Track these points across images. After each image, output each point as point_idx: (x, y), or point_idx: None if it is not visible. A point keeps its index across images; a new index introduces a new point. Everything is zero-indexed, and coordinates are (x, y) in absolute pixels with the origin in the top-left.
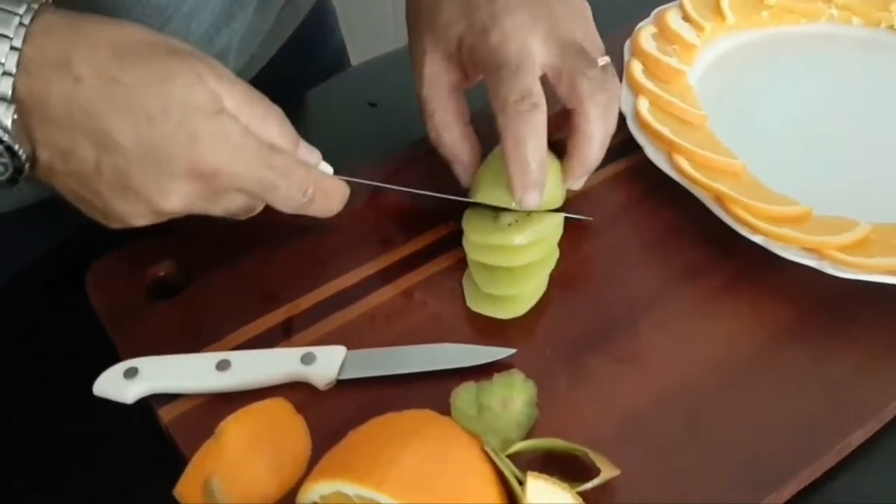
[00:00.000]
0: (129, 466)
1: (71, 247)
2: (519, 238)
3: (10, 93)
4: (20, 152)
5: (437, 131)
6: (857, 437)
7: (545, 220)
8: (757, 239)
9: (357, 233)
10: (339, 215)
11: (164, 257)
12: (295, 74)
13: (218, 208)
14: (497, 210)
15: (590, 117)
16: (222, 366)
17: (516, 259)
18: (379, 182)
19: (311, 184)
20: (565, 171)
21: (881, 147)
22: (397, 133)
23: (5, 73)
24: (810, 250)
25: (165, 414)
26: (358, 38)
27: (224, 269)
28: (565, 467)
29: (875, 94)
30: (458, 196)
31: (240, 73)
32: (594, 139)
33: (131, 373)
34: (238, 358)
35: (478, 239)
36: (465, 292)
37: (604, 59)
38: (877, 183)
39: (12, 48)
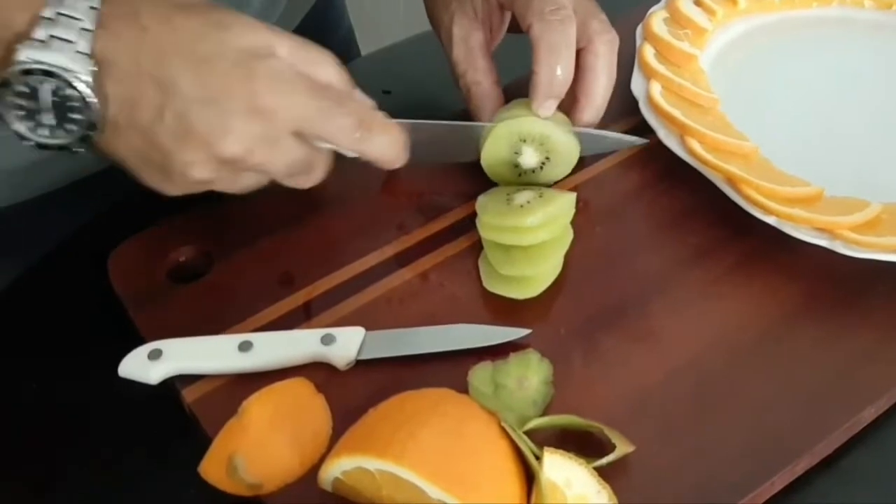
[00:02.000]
0: (153, 445)
1: (93, 232)
2: (532, 219)
3: (89, 49)
4: (95, 105)
5: (468, 88)
6: (869, 414)
7: (558, 200)
8: (769, 220)
9: (374, 216)
10: (355, 198)
11: (184, 242)
12: None
13: (277, 158)
14: (510, 192)
15: (599, 53)
16: (244, 347)
17: (529, 238)
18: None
19: (367, 117)
20: (574, 116)
21: (892, 128)
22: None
23: (84, 30)
24: (822, 230)
25: (189, 394)
26: (367, 27)
27: (244, 254)
28: (581, 443)
29: (886, 77)
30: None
31: None
32: (602, 76)
33: (155, 354)
34: (260, 339)
35: (492, 220)
36: (481, 273)
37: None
38: (887, 163)
39: (91, 7)
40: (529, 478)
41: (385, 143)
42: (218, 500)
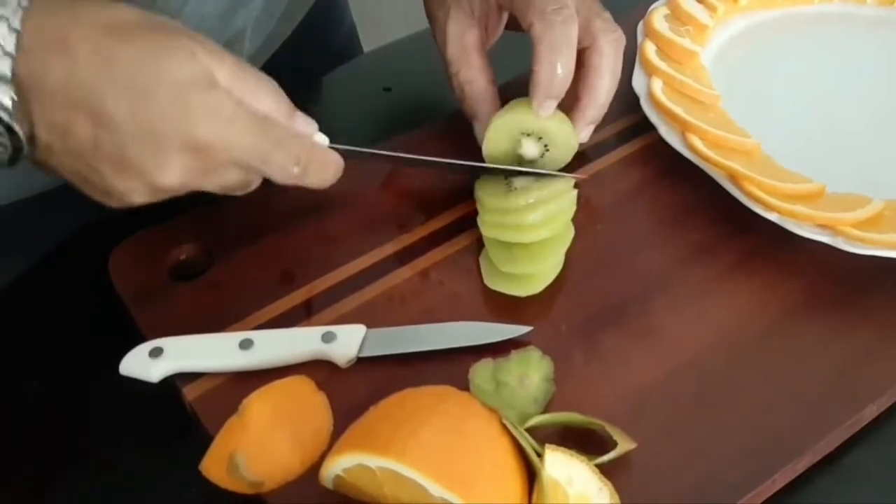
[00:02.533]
0: (154, 443)
1: (93, 232)
2: (533, 216)
3: (9, 73)
4: (19, 132)
5: (461, 87)
6: (871, 411)
7: (558, 198)
8: (771, 216)
9: (374, 214)
10: (356, 197)
11: (185, 240)
12: (307, 59)
13: (214, 183)
14: (508, 177)
15: (603, 52)
16: (245, 345)
17: (531, 236)
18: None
19: (304, 154)
20: (577, 115)
21: (892, 123)
22: (411, 116)
23: (5, 54)
24: (824, 227)
25: (190, 392)
26: (369, 24)
27: (245, 252)
28: (582, 441)
29: (888, 73)
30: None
31: (254, 55)
32: (606, 75)
33: (156, 352)
34: (260, 337)
35: (493, 218)
36: (483, 270)
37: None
38: (890, 160)
39: (11, 29)
40: (531, 475)
41: (319, 177)
42: (219, 499)
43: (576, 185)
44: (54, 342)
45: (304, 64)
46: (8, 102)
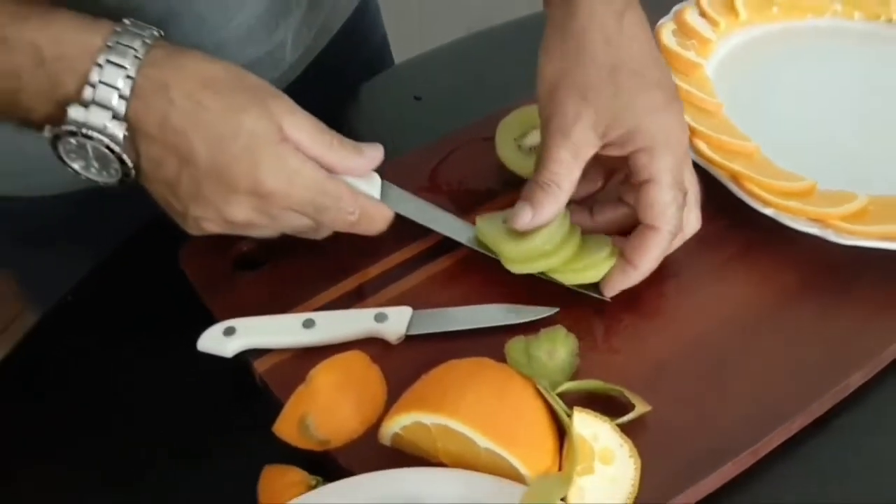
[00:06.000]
0: (229, 410)
1: (156, 230)
2: (544, 243)
3: (123, 112)
4: (127, 161)
5: (547, 181)
6: (856, 379)
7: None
8: (767, 211)
9: None
10: None
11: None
12: (341, 69)
13: (278, 225)
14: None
15: (661, 235)
16: (308, 324)
17: (556, 260)
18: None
19: (357, 208)
20: (617, 270)
21: (878, 128)
22: (440, 124)
23: (121, 97)
24: (815, 220)
25: (260, 365)
26: (401, 36)
27: (300, 245)
28: (604, 405)
29: (873, 81)
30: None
31: (294, 65)
32: (656, 259)
33: (230, 331)
34: (322, 317)
35: (520, 266)
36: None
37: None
38: (874, 160)
39: (128, 77)
40: (561, 433)
41: (370, 227)
42: (291, 455)
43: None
44: (137, 321)
45: (339, 74)
46: (121, 137)
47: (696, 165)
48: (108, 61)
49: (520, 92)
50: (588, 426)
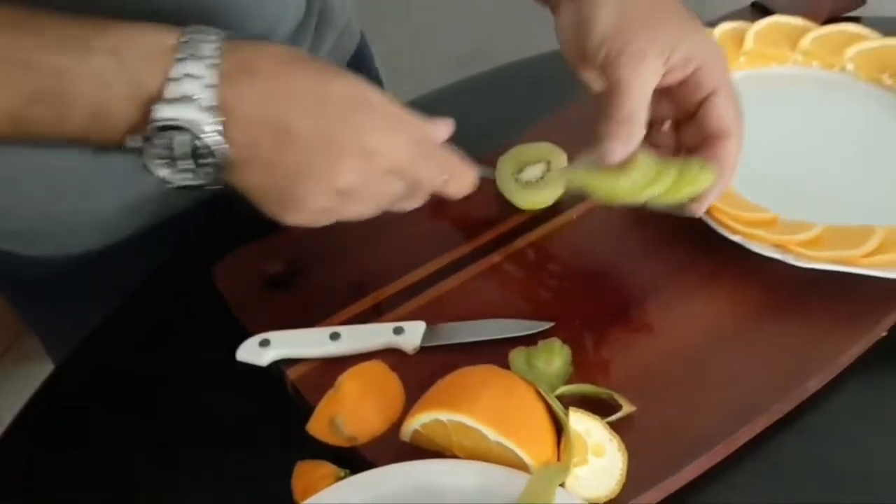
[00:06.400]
0: (263, 415)
1: (197, 253)
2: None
3: (212, 102)
4: (221, 152)
5: (627, 109)
6: (813, 384)
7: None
8: (735, 238)
9: (424, 237)
10: (409, 225)
11: (274, 257)
12: None
13: (379, 193)
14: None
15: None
16: (334, 336)
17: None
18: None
19: (449, 167)
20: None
21: (832, 166)
22: None
23: (207, 86)
24: (777, 246)
25: (292, 373)
26: (394, 79)
27: (322, 267)
28: (595, 405)
29: (829, 124)
30: None
31: None
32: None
33: (265, 343)
34: (346, 331)
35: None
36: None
37: None
38: (828, 192)
39: (213, 65)
40: (559, 429)
41: (460, 186)
42: (322, 451)
43: None
44: (177, 335)
45: None
46: (215, 127)
47: None
48: (189, 55)
49: (503, 133)
50: (582, 423)
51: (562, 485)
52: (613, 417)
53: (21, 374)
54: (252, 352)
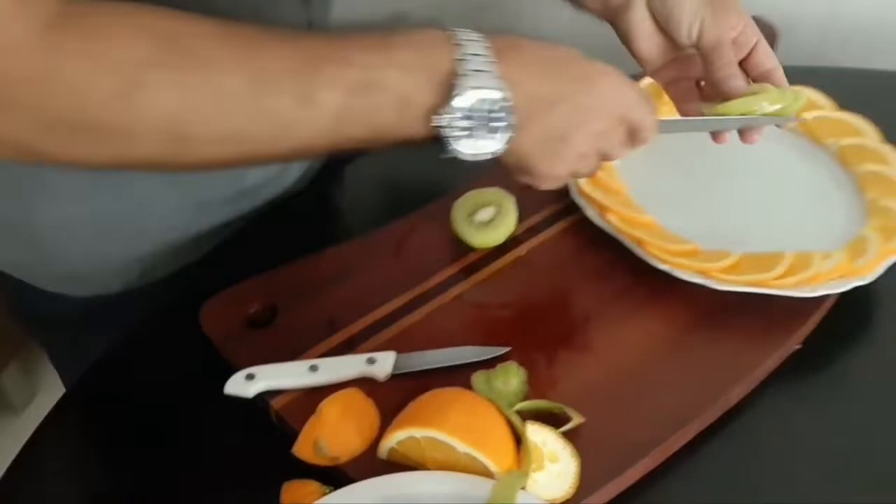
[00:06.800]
0: (253, 441)
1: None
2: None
3: (497, 73)
4: (512, 120)
5: (727, 60)
6: (737, 393)
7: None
8: (664, 267)
9: (391, 276)
10: (375, 267)
11: (253, 299)
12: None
13: (602, 146)
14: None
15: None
16: (313, 368)
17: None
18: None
19: (651, 114)
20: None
21: (747, 201)
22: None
23: (488, 61)
24: (700, 273)
25: (276, 403)
26: None
27: (299, 306)
28: (549, 418)
29: (746, 167)
30: None
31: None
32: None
33: (250, 377)
34: (324, 363)
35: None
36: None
37: None
38: (743, 226)
39: (486, 46)
40: (518, 440)
41: (651, 130)
42: (308, 471)
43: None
44: (168, 374)
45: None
46: (505, 94)
47: (607, 235)
48: (463, 39)
49: (457, 182)
50: (538, 434)
51: (523, 488)
52: (565, 428)
53: None
54: (239, 385)
